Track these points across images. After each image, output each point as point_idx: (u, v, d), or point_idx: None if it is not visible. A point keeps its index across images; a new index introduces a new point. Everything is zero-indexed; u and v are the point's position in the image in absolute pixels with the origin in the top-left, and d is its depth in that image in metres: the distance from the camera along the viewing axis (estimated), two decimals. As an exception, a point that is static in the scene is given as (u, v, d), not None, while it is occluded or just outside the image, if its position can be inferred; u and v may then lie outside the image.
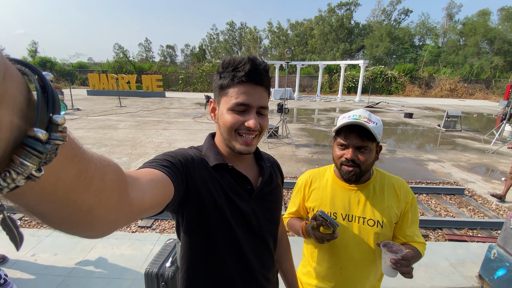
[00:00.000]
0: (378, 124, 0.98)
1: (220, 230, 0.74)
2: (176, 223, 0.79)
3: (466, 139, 8.44)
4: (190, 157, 0.73)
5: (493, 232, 3.33)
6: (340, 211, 1.09)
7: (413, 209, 1.07)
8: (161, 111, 12.56)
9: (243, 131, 0.73)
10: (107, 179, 0.34)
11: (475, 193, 4.45)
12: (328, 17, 34.62)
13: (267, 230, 0.85)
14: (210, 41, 43.82)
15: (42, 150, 0.22)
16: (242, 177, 0.79)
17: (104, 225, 0.36)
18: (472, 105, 18.55)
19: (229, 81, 0.71)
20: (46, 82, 0.24)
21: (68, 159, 0.27)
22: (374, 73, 25.24)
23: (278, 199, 0.92)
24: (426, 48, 31.78)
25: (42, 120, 0.22)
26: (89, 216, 0.32)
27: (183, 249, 0.78)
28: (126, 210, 0.39)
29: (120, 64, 27.02)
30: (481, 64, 26.65)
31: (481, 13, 30.60)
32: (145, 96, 19.18)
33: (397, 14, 35.38)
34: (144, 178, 0.50)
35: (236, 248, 0.77)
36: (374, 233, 1.04)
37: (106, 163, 0.35)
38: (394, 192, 1.08)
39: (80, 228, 0.34)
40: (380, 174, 1.12)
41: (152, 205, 0.50)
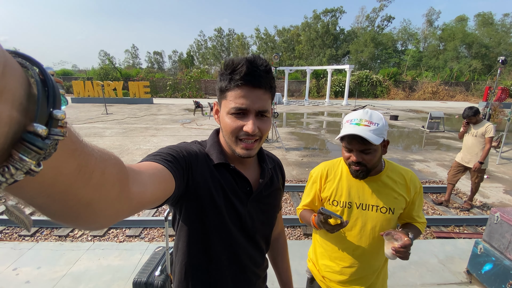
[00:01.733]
0: (380, 124, 1.04)
1: (216, 227, 0.75)
2: (173, 215, 0.80)
3: (449, 139, 8.73)
4: (194, 152, 0.73)
5: (478, 228, 3.43)
6: (355, 200, 1.18)
7: (419, 197, 1.20)
8: (149, 117, 12.36)
9: (242, 136, 0.72)
10: (108, 173, 0.33)
11: (460, 191, 4.58)
12: (314, 23, 35.38)
13: (260, 233, 0.86)
14: (198, 47, 43.82)
15: (42, 146, 0.21)
16: (242, 178, 0.79)
17: (104, 218, 0.36)
18: (454, 107, 19.27)
19: (227, 84, 0.70)
20: (47, 76, 0.23)
21: (68, 153, 0.26)
22: (359, 77, 25.87)
23: (276, 203, 0.92)
24: (408, 52, 32.98)
25: (42, 115, 0.22)
26: (88, 209, 0.32)
27: (180, 241, 0.79)
28: (126, 204, 0.39)
29: (106, 71, 26.52)
30: (460, 68, 27.86)
31: (459, 19, 32.14)
32: (132, 103, 18.85)
33: (380, 21, 36.66)
34: (146, 172, 0.50)
35: (230, 246, 0.79)
36: (386, 219, 1.16)
37: (107, 157, 0.34)
38: (405, 182, 1.18)
39: (80, 220, 0.33)
40: (391, 166, 1.21)
41: (153, 200, 0.50)
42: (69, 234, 3.17)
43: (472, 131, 3.71)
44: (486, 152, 3.57)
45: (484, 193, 4.51)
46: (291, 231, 3.33)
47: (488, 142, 3.55)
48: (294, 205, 3.98)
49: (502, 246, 2.16)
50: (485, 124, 3.59)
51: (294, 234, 3.30)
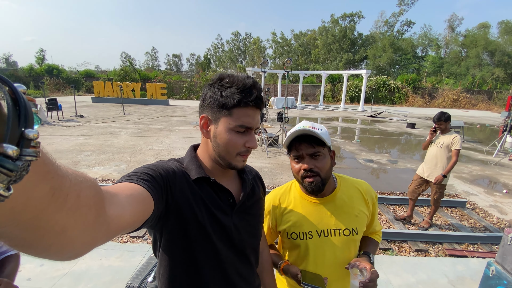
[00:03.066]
0: (322, 130, 1.00)
1: (201, 245, 0.72)
2: (154, 240, 0.76)
3: (468, 150, 8.32)
4: (171, 170, 0.71)
5: (493, 246, 3.23)
6: (314, 228, 1.06)
7: (376, 207, 1.13)
8: (163, 119, 12.65)
9: (243, 153, 0.76)
10: (83, 195, 0.31)
11: (476, 206, 4.35)
12: (331, 28, 35.02)
13: (249, 245, 0.84)
14: (215, 50, 44.53)
15: (12, 168, 0.20)
16: (224, 191, 0.78)
17: (79, 246, 0.33)
18: (475, 116, 18.40)
19: (235, 103, 0.71)
20: (18, 95, 0.22)
21: (40, 176, 0.25)
22: (377, 83, 25.29)
23: (260, 213, 0.92)
24: (429, 58, 31.89)
25: (13, 135, 0.21)
26: (62, 237, 0.30)
27: (162, 267, 0.75)
28: (103, 229, 0.37)
29: (125, 72, 27.47)
30: (483, 76, 26.62)
31: (481, 26, 30.81)
32: (149, 104, 19.38)
33: (400, 26, 35.73)
34: (122, 194, 0.48)
35: (218, 265, 0.76)
36: (350, 241, 1.06)
37: (82, 179, 0.32)
38: (361, 196, 1.09)
39: (52, 251, 0.31)
40: (343, 181, 1.12)
41: (131, 222, 0.47)
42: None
43: (438, 141, 3.39)
44: (451, 165, 3.26)
45: (501, 209, 4.25)
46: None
47: (455, 155, 3.25)
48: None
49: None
50: (452, 135, 3.28)
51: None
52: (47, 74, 26.95)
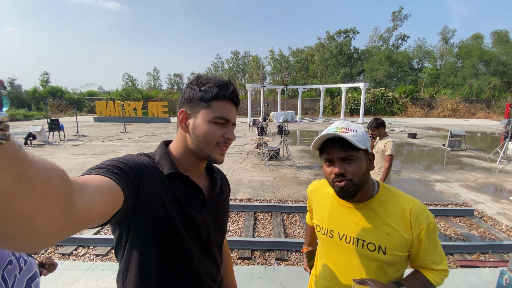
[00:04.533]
0: (358, 131, 0.91)
1: (170, 239, 0.72)
2: (118, 238, 0.73)
3: (472, 158, 8.26)
4: (142, 164, 0.70)
5: (505, 255, 3.11)
6: (337, 229, 1.00)
7: (430, 236, 0.90)
8: (165, 136, 12.72)
9: (221, 144, 0.78)
10: (51, 184, 0.30)
11: (485, 214, 4.24)
12: (328, 44, 35.91)
13: (215, 241, 0.86)
14: (215, 69, 45.56)
15: None
16: (195, 187, 0.79)
17: (45, 236, 0.32)
18: (475, 124, 18.42)
19: (213, 96, 0.75)
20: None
21: (7, 161, 0.24)
22: (375, 95, 25.58)
23: (226, 211, 0.95)
24: (425, 70, 32.42)
25: None
26: (28, 225, 0.29)
27: (131, 262, 0.72)
28: (71, 219, 0.36)
29: (128, 92, 27.99)
30: (480, 85, 26.97)
31: (474, 37, 31.59)
32: (151, 122, 19.59)
33: (394, 40, 36.59)
34: (91, 185, 0.46)
35: (186, 259, 0.76)
36: (375, 259, 0.92)
37: (50, 167, 0.31)
38: (403, 214, 0.92)
39: (17, 240, 0.29)
40: (387, 193, 0.97)
41: (100, 215, 0.46)
42: (72, 252, 3.18)
43: (376, 147, 3.30)
44: (385, 171, 3.14)
45: (510, 217, 4.14)
46: (299, 256, 3.17)
47: (387, 160, 3.15)
48: (305, 228, 3.82)
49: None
50: (385, 140, 3.18)
51: (301, 259, 3.13)
52: (50, 96, 27.49)
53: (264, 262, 3.05)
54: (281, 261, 3.09)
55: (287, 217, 4.16)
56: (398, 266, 0.95)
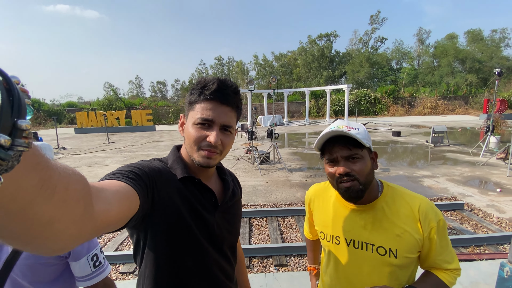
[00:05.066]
0: (360, 129, 0.86)
1: (186, 242, 0.74)
2: (136, 242, 0.75)
3: (455, 153, 8.54)
4: (157, 168, 0.72)
5: (499, 247, 3.17)
6: (343, 235, 0.93)
7: (440, 234, 0.86)
8: (150, 144, 12.38)
9: (204, 147, 0.74)
10: (71, 189, 0.31)
11: (474, 207, 4.34)
12: (310, 48, 36.65)
13: (228, 243, 0.87)
14: (199, 75, 45.28)
15: (4, 157, 0.20)
16: (208, 191, 0.80)
17: (65, 240, 0.33)
18: (455, 120, 19.21)
19: (196, 97, 0.74)
20: (11, 85, 0.22)
21: (30, 166, 0.25)
22: (358, 96, 26.24)
23: (239, 212, 0.96)
24: (404, 70, 33.72)
25: (5, 125, 0.21)
26: (49, 229, 0.30)
27: (148, 267, 0.74)
28: (90, 223, 0.37)
29: (109, 101, 27.25)
30: (457, 82, 28.31)
31: (449, 37, 33.26)
32: (135, 131, 19.07)
33: (373, 42, 37.88)
34: (109, 190, 0.47)
35: (202, 260, 0.78)
36: (387, 264, 0.86)
37: (71, 172, 0.33)
38: (411, 213, 0.87)
39: (38, 243, 0.30)
40: (392, 192, 0.92)
41: (117, 219, 0.47)
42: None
43: None
44: None
45: (499, 208, 4.26)
46: (298, 261, 3.09)
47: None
48: (301, 231, 3.75)
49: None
50: None
51: (301, 264, 3.05)
52: (27, 108, 26.19)
53: (263, 270, 2.95)
54: (280, 267, 3.00)
55: (283, 221, 4.08)
56: (410, 268, 0.90)
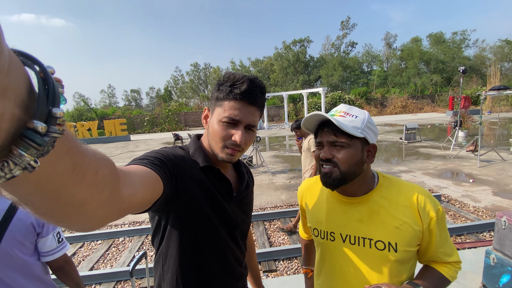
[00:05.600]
0: (358, 117, 0.81)
1: (205, 227, 0.78)
2: (157, 225, 0.80)
3: (427, 148, 8.97)
4: (180, 156, 0.76)
5: (479, 235, 3.29)
6: (338, 230, 0.88)
7: (440, 225, 0.82)
8: (125, 155, 11.80)
9: (229, 146, 0.76)
10: (101, 173, 0.33)
11: (451, 198, 4.51)
12: (285, 53, 37.40)
13: (240, 231, 0.91)
14: (175, 82, 44.40)
15: (41, 143, 0.22)
16: (225, 181, 0.84)
17: (94, 220, 0.36)
18: (424, 118, 20.36)
19: (225, 95, 0.76)
20: (47, 75, 0.23)
21: (64, 151, 0.27)
22: (333, 98, 27.04)
23: (251, 202, 1.00)
24: (374, 72, 35.40)
25: (41, 113, 0.22)
26: (80, 209, 0.32)
27: (170, 247, 0.78)
28: (117, 205, 0.39)
29: (80, 112, 25.86)
30: (423, 82, 30.21)
31: (413, 40, 35.48)
32: (109, 141, 18.15)
33: (345, 47, 39.43)
34: (135, 175, 0.50)
35: (218, 246, 0.82)
36: (387, 259, 0.81)
37: (100, 157, 0.34)
38: (410, 204, 0.82)
39: (70, 221, 0.33)
40: (388, 182, 0.88)
41: (142, 202, 0.51)
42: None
43: (303, 146, 3.40)
44: (314, 167, 3.21)
45: (474, 197, 4.46)
46: (287, 264, 2.99)
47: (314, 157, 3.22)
48: (287, 233, 3.66)
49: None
50: (308, 137, 3.26)
51: (291, 267, 2.95)
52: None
53: (252, 278, 2.80)
54: (269, 272, 2.88)
55: (269, 225, 3.97)
56: (410, 263, 0.85)
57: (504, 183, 5.09)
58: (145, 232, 3.88)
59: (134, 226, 4.18)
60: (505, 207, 4.02)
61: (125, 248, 3.58)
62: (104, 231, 3.88)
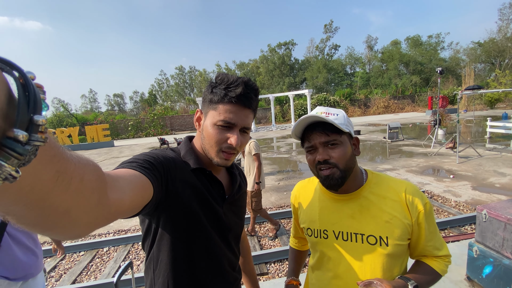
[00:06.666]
0: (339, 114, 0.84)
1: (197, 230, 0.76)
2: (147, 228, 0.78)
3: (409, 146, 9.27)
4: (171, 158, 0.74)
5: (461, 228, 3.41)
6: (331, 228, 0.89)
7: (428, 218, 0.84)
8: (109, 161, 11.44)
9: (224, 149, 0.76)
10: (86, 179, 0.32)
11: (434, 194, 4.67)
12: (270, 56, 37.75)
13: (234, 233, 0.90)
14: (160, 86, 43.67)
15: (22, 152, 0.21)
16: (217, 183, 0.83)
17: (82, 227, 0.35)
18: (405, 117, 21.06)
19: (220, 98, 0.74)
20: (27, 81, 0.22)
21: (47, 159, 0.26)
22: (318, 100, 27.48)
23: (244, 205, 0.99)
24: (357, 74, 36.42)
25: (22, 121, 0.21)
26: (66, 217, 0.31)
27: (161, 251, 0.76)
28: (104, 211, 0.38)
29: (59, 118, 24.87)
30: (404, 83, 31.39)
31: (393, 43, 36.80)
32: (91, 148, 17.54)
33: (328, 49, 40.30)
34: (124, 179, 0.49)
35: (210, 250, 0.80)
36: (379, 254, 0.82)
37: (85, 163, 0.33)
38: (398, 198, 0.84)
39: (56, 229, 0.32)
40: (377, 178, 0.91)
41: (131, 207, 0.49)
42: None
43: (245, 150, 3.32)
44: (257, 169, 3.20)
45: (455, 192, 4.64)
46: (279, 266, 2.97)
47: (256, 159, 3.20)
48: (279, 236, 3.65)
49: (497, 245, 2.06)
50: (249, 141, 3.11)
51: (282, 269, 2.94)
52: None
53: (243, 282, 2.77)
54: (261, 275, 2.85)
55: (259, 228, 3.95)
56: (402, 257, 0.87)
57: (481, 177, 5.33)
58: (131, 240, 3.75)
59: (119, 235, 4.03)
60: (484, 201, 4.20)
61: (109, 258, 3.44)
62: (87, 242, 3.71)
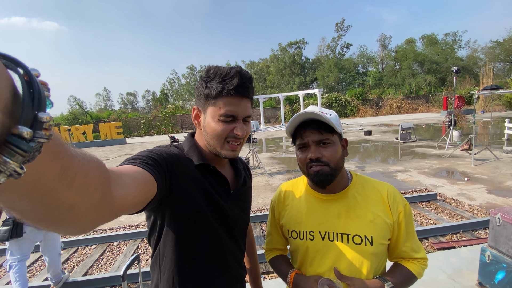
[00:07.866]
0: (332, 115, 0.86)
1: (202, 226, 0.77)
2: (152, 224, 0.78)
3: (422, 147, 9.03)
4: (174, 155, 0.74)
5: (475, 232, 3.30)
6: (317, 229, 0.89)
7: (407, 219, 0.88)
8: (121, 158, 11.69)
9: (230, 139, 0.77)
10: (90, 176, 0.33)
11: (447, 197, 4.53)
12: (281, 55, 37.60)
13: (239, 228, 0.90)
14: (171, 85, 44.29)
15: (26, 149, 0.21)
16: (222, 178, 0.83)
17: (86, 222, 0.35)
18: (419, 118, 20.52)
19: (217, 92, 0.74)
20: (32, 78, 0.23)
21: (51, 156, 0.26)
22: (329, 99, 27.20)
23: (249, 199, 0.99)
24: (370, 73, 35.75)
25: (27, 118, 0.21)
26: (70, 213, 0.31)
27: (166, 247, 0.77)
28: (108, 207, 0.39)
29: (75, 115, 25.67)
30: (418, 83, 30.56)
31: (407, 42, 35.90)
32: (104, 145, 18.00)
33: (340, 48, 39.75)
34: (127, 176, 0.49)
35: (216, 245, 0.81)
36: (364, 253, 0.84)
37: (90, 159, 0.33)
38: (381, 198, 0.88)
39: (61, 225, 0.33)
40: (360, 179, 0.94)
41: (134, 203, 0.50)
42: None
43: None
44: None
45: (469, 196, 4.49)
46: (285, 265, 2.97)
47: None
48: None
49: (510, 250, 1.99)
50: None
51: (288, 267, 2.93)
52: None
53: (249, 280, 2.78)
54: (266, 274, 2.86)
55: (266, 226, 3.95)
56: (384, 257, 0.90)
57: (498, 181, 5.14)
58: (140, 235, 3.83)
59: (129, 230, 4.13)
60: (499, 205, 4.05)
61: (120, 252, 3.54)
62: (98, 236, 3.83)
